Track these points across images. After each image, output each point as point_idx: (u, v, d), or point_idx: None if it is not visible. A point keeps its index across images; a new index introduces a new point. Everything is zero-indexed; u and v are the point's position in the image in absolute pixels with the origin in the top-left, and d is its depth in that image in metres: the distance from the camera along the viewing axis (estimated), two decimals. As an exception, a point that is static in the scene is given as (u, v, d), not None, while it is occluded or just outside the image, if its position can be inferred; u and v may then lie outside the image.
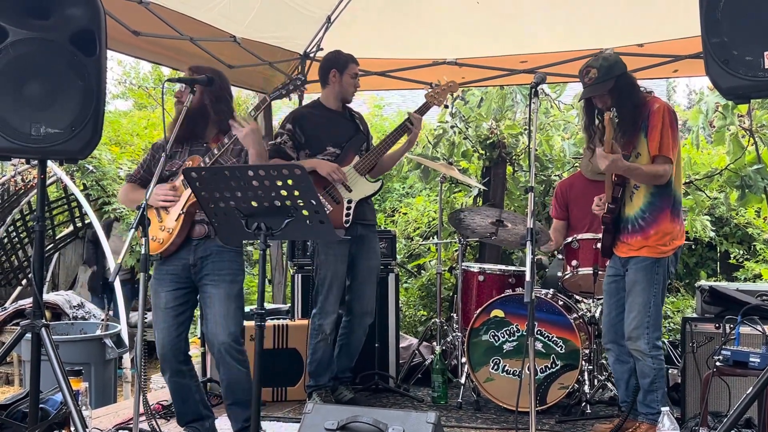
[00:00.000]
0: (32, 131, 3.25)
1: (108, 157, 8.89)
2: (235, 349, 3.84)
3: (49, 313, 7.26)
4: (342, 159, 4.79)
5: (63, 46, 3.27)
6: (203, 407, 4.05)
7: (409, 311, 7.90)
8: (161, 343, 3.90)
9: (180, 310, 3.92)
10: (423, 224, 8.77)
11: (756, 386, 3.15)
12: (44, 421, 3.65)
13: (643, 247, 4.14)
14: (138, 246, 7.15)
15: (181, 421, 4.05)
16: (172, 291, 3.90)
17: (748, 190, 6.55)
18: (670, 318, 7.42)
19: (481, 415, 4.88)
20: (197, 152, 3.92)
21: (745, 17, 2.97)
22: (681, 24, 5.22)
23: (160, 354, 3.92)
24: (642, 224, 4.15)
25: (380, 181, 4.98)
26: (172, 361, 3.91)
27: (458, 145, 7.62)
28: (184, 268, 3.88)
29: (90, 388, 5.04)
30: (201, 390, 4.08)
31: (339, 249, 4.78)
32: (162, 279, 3.92)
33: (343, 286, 4.88)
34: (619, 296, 4.29)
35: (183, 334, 3.95)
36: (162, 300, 3.90)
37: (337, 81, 4.90)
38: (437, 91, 4.98)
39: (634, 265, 4.17)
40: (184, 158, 3.92)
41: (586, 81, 4.14)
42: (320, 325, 4.81)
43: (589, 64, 4.16)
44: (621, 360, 4.33)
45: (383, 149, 4.86)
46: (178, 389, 3.98)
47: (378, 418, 3.18)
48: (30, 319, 3.41)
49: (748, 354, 3.63)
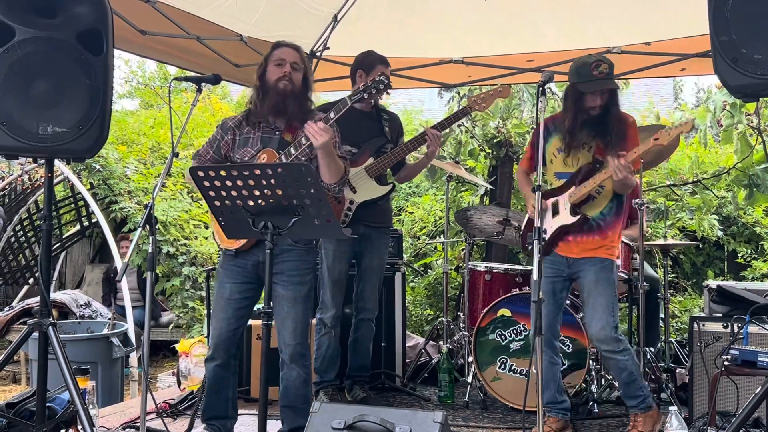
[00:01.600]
0: (39, 130, 3.26)
1: (115, 156, 8.90)
2: (299, 353, 3.83)
3: (55, 312, 7.29)
4: (356, 159, 4.76)
5: (70, 45, 3.27)
6: (231, 407, 4.04)
7: (415, 310, 7.90)
8: (217, 332, 3.89)
9: (243, 304, 3.90)
10: (429, 223, 8.77)
11: (765, 385, 3.14)
12: (51, 419, 3.65)
13: (601, 248, 4.14)
14: (145, 245, 7.22)
15: (206, 414, 3.99)
16: (239, 284, 3.88)
17: (756, 189, 6.53)
18: (678, 317, 7.41)
19: (488, 414, 4.87)
20: (270, 142, 3.87)
21: (754, 15, 2.97)
22: (688, 22, 5.20)
23: (213, 342, 3.91)
24: (601, 225, 4.16)
25: (390, 185, 4.93)
26: (222, 352, 3.89)
27: (465, 144, 7.62)
28: (254, 265, 3.86)
29: (97, 387, 5.04)
30: (235, 389, 4.06)
31: (339, 247, 4.80)
32: (230, 270, 3.90)
33: (344, 283, 4.89)
34: (558, 297, 4.25)
35: (240, 328, 3.95)
36: (227, 291, 3.89)
37: (363, 81, 4.74)
38: (483, 96, 4.80)
39: (592, 266, 4.13)
40: (257, 146, 3.86)
41: (595, 73, 4.03)
42: (321, 319, 4.86)
43: (599, 58, 4.08)
44: (553, 362, 4.26)
45: (395, 157, 4.79)
46: (217, 380, 3.94)
47: (385, 417, 3.18)
48: (37, 318, 3.42)
49: (757, 353, 3.61)
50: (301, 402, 3.86)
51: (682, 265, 8.20)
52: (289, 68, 3.85)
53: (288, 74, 3.84)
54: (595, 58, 4.09)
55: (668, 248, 5.51)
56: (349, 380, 5.08)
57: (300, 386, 3.86)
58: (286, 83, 3.84)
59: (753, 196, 6.61)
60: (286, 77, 3.84)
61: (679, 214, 7.98)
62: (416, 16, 6.00)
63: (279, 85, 3.84)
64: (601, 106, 4.06)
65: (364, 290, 4.99)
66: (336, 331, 4.90)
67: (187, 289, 8.17)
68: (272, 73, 3.87)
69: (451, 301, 7.23)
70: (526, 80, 6.77)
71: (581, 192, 4.10)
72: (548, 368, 4.16)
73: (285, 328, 3.81)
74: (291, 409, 3.88)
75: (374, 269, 4.99)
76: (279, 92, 3.84)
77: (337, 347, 4.94)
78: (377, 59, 4.88)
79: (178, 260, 8.25)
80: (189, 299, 8.11)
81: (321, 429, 3.23)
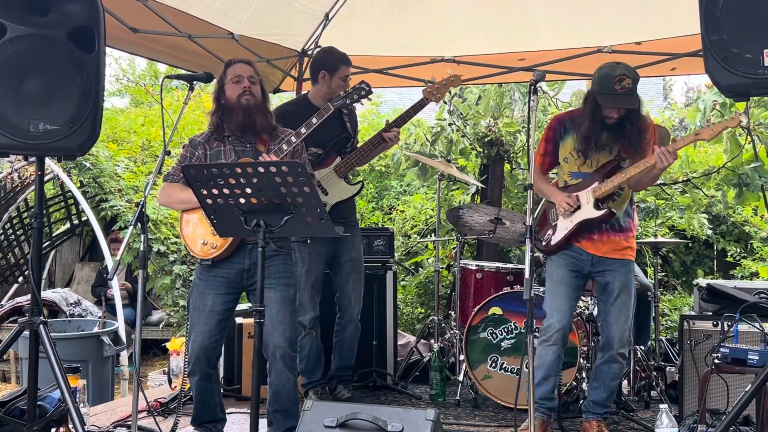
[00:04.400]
0: (30, 128, 3.25)
1: (105, 154, 8.87)
2: (289, 355, 3.82)
3: (45, 311, 7.25)
4: (323, 160, 4.75)
5: (62, 43, 3.27)
6: (220, 410, 4.04)
7: (406, 309, 7.91)
8: (198, 345, 3.83)
9: (224, 315, 3.88)
10: (421, 222, 8.78)
11: (755, 383, 3.16)
12: (42, 418, 3.64)
13: (627, 249, 4.16)
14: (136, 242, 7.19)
15: (196, 420, 4.00)
16: (222, 295, 3.85)
17: (746, 188, 6.55)
18: (668, 316, 7.44)
19: (479, 412, 4.88)
20: (244, 153, 3.88)
21: (744, 15, 2.98)
22: (679, 22, 5.21)
23: (194, 356, 3.84)
24: (623, 225, 4.18)
25: (359, 184, 4.94)
26: (203, 365, 3.85)
27: (456, 143, 7.62)
28: (237, 273, 3.84)
29: (87, 386, 5.03)
30: (220, 394, 4.06)
31: (315, 247, 4.78)
32: (212, 282, 3.86)
33: (320, 284, 4.88)
34: (578, 293, 4.27)
35: (221, 340, 3.92)
36: (209, 303, 3.84)
37: (326, 82, 4.79)
38: (436, 86, 4.85)
39: (622, 268, 4.15)
40: (231, 158, 3.86)
41: (618, 89, 3.91)
42: (299, 322, 4.81)
43: (622, 72, 3.93)
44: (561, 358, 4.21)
45: (363, 156, 4.81)
46: (203, 392, 3.93)
47: (377, 415, 3.18)
48: (28, 317, 3.41)
49: (747, 351, 3.63)
50: (291, 404, 3.86)
51: (671, 264, 8.24)
52: (248, 82, 3.88)
53: (248, 88, 3.87)
54: (621, 72, 3.93)
55: (658, 247, 5.54)
56: (334, 380, 5.07)
57: (291, 389, 3.86)
58: (249, 98, 3.86)
59: (742, 195, 6.63)
60: (246, 92, 3.86)
61: (669, 213, 8.02)
62: (408, 14, 6.00)
63: (242, 101, 3.86)
64: (617, 117, 4.03)
65: (349, 285, 4.97)
66: (316, 331, 4.89)
67: (178, 287, 8.15)
68: (232, 91, 3.88)
69: (443, 299, 7.24)
70: (518, 79, 6.77)
71: (609, 186, 4.05)
72: (555, 362, 4.14)
73: (275, 330, 3.78)
74: (282, 412, 3.87)
75: (355, 262, 4.98)
76: (244, 108, 3.85)
77: (320, 346, 4.94)
78: (340, 59, 4.82)
79: (168, 258, 8.23)
80: (180, 298, 8.09)
81: (313, 427, 3.24)
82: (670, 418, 3.77)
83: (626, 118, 4.03)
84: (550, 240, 4.20)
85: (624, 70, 3.95)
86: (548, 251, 4.23)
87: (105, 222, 8.88)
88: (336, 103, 4.05)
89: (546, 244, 4.21)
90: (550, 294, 4.18)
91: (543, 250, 4.24)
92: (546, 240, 4.23)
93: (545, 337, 4.11)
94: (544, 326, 4.13)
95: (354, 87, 4.19)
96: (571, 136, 4.20)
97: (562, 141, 4.23)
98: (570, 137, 4.20)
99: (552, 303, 4.14)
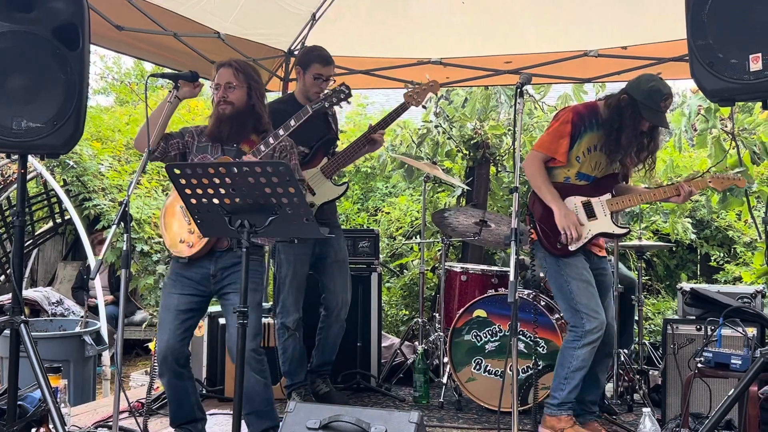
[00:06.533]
0: (13, 125, 3.23)
1: (89, 152, 8.82)
2: (254, 359, 3.78)
3: (27, 310, 7.20)
4: (310, 160, 4.73)
5: (46, 40, 3.25)
6: (198, 409, 4.00)
7: (391, 311, 7.90)
8: (164, 344, 3.80)
9: (189, 315, 3.86)
10: (406, 224, 8.78)
11: (738, 388, 3.17)
12: (22, 418, 3.61)
13: (605, 247, 4.44)
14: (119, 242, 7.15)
15: (175, 422, 3.97)
16: (186, 295, 3.84)
17: (729, 194, 6.58)
18: (651, 319, 7.47)
19: (463, 415, 4.88)
20: (228, 152, 3.87)
21: (731, 20, 2.99)
22: (665, 27, 5.24)
23: (161, 355, 3.82)
24: None
25: (345, 185, 4.93)
26: (171, 363, 3.82)
27: (442, 145, 7.63)
28: (203, 277, 3.83)
29: (69, 386, 5.00)
30: (196, 392, 4.01)
31: (299, 249, 4.74)
32: (178, 281, 3.85)
33: (303, 285, 4.86)
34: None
35: (187, 339, 3.88)
36: (174, 301, 3.83)
37: (300, 78, 4.80)
38: (417, 90, 4.86)
39: (607, 264, 4.41)
40: (216, 154, 3.86)
41: (662, 106, 4.02)
42: (283, 323, 4.81)
43: (669, 92, 4.04)
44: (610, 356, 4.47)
45: (349, 157, 4.83)
46: (174, 391, 3.90)
47: (360, 417, 3.17)
48: (9, 315, 3.37)
49: (730, 356, 3.65)
50: (264, 405, 3.83)
51: (655, 268, 8.27)
52: (223, 91, 3.84)
53: (224, 98, 3.84)
54: (669, 91, 4.03)
55: (642, 250, 5.56)
56: (313, 374, 5.03)
57: (261, 391, 3.82)
58: (224, 107, 3.84)
59: (726, 200, 6.66)
60: (222, 102, 3.84)
61: (653, 217, 8.06)
62: (395, 16, 6.01)
63: (218, 110, 3.86)
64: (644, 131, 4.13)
65: (336, 285, 4.94)
66: (300, 333, 4.87)
67: (161, 287, 8.11)
68: (215, 98, 3.89)
69: (427, 301, 7.24)
70: (504, 82, 6.80)
71: (626, 204, 4.21)
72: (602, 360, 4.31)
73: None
74: (257, 415, 3.84)
75: (341, 262, 4.96)
76: (219, 117, 3.85)
77: (303, 348, 4.91)
78: (314, 57, 4.78)
79: (152, 258, 8.19)
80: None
81: (296, 429, 3.22)
82: (653, 422, 3.77)
83: (650, 133, 4.14)
84: (566, 244, 4.14)
85: (670, 89, 4.06)
86: (564, 254, 4.18)
87: (88, 221, 8.82)
88: (314, 106, 4.03)
89: (562, 247, 4.17)
90: (583, 295, 4.13)
91: (557, 252, 4.19)
92: (561, 243, 4.15)
93: (592, 338, 4.08)
94: (588, 328, 4.07)
95: (333, 90, 4.16)
96: (589, 134, 4.15)
97: (579, 138, 4.15)
98: (588, 135, 4.15)
99: (589, 304, 4.11)
